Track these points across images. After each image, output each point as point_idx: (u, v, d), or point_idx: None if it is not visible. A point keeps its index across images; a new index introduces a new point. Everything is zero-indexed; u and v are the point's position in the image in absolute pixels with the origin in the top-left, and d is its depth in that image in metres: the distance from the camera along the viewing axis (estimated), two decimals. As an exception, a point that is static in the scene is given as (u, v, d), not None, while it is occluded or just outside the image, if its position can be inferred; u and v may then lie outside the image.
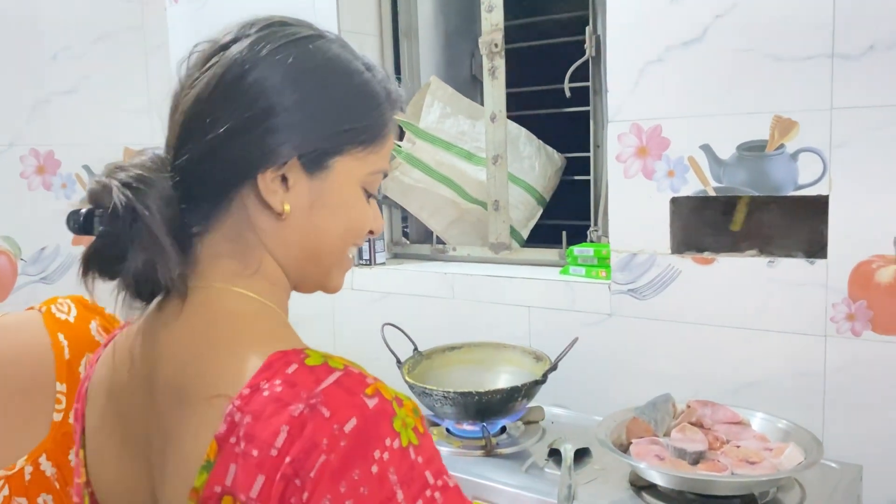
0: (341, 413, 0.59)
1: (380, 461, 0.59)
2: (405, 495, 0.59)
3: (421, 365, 1.59)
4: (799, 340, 1.38)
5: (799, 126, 1.34)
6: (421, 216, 2.03)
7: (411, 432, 0.62)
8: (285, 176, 0.69)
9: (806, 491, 1.19)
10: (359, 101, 0.72)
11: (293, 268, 0.74)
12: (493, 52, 1.82)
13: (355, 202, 0.74)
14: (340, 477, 0.58)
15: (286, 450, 0.58)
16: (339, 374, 0.62)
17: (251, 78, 0.68)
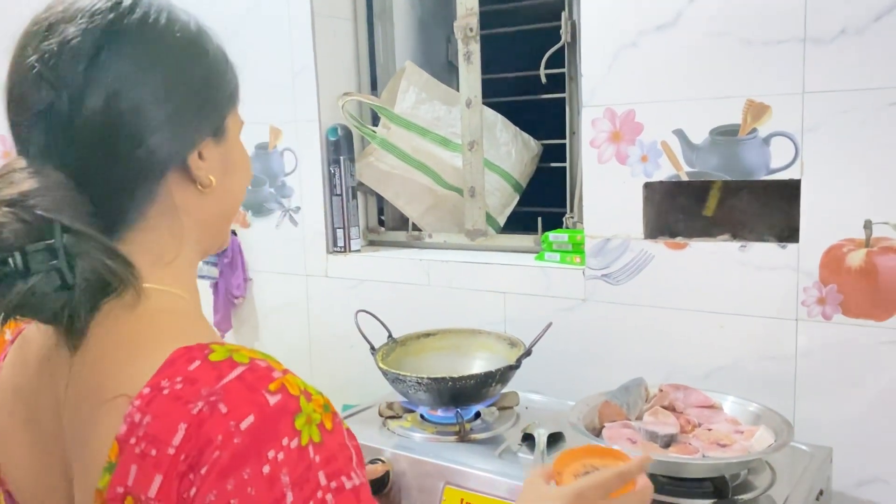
0: (239, 409, 0.58)
1: (273, 461, 0.58)
2: (296, 497, 0.58)
3: (395, 352, 1.58)
4: (770, 324, 1.39)
5: (771, 110, 1.34)
6: (397, 203, 2.02)
7: (315, 429, 0.60)
8: (201, 151, 0.70)
9: (776, 473, 1.20)
10: (222, 59, 0.74)
11: (208, 237, 0.75)
12: (468, 37, 1.80)
13: (244, 151, 0.78)
14: (229, 474, 0.57)
15: (182, 447, 0.58)
16: (242, 368, 0.60)
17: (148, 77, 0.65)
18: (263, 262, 2.07)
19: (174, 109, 0.66)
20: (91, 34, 0.63)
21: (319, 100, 1.92)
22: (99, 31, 0.64)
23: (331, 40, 1.95)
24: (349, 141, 1.95)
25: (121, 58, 0.64)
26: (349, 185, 1.95)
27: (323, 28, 1.92)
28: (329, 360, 1.95)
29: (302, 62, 1.91)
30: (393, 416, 1.48)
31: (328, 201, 1.95)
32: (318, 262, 1.97)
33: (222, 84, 0.73)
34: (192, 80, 0.69)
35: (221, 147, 0.73)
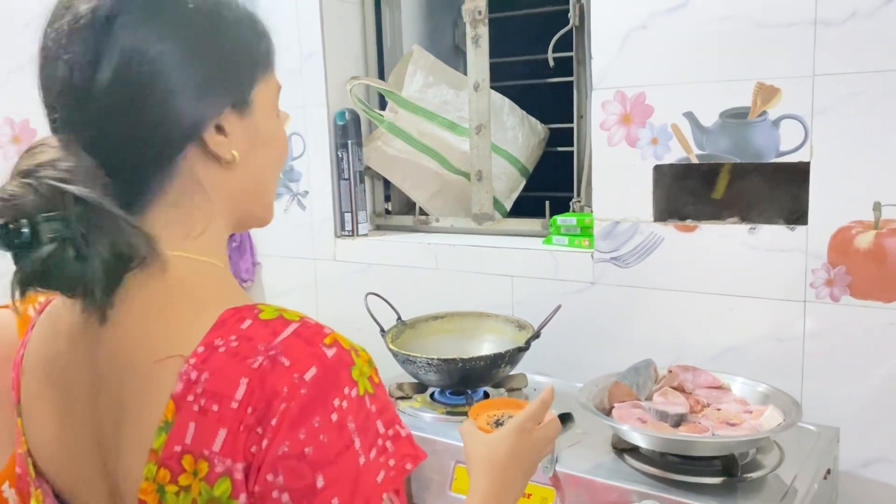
0: (301, 362, 0.60)
1: (339, 409, 0.60)
2: (362, 443, 0.61)
3: (404, 334, 1.59)
4: (779, 306, 1.40)
5: (781, 93, 1.35)
6: (403, 187, 2.02)
7: (367, 381, 0.63)
8: (220, 125, 0.68)
9: (785, 452, 1.21)
10: (249, 26, 0.72)
11: (238, 213, 0.74)
12: (476, 20, 1.80)
13: (279, 129, 0.76)
14: (300, 424, 0.59)
15: (247, 401, 0.59)
16: (295, 325, 0.63)
17: (159, 48, 0.64)
18: (272, 246, 2.08)
19: (186, 81, 0.65)
20: (101, 9, 0.63)
21: (327, 84, 1.92)
22: (109, 4, 0.63)
23: (338, 24, 1.95)
24: (357, 125, 1.95)
25: (130, 30, 0.63)
26: (357, 169, 1.95)
27: (331, 12, 1.91)
28: (337, 343, 1.96)
29: (310, 46, 1.91)
30: (403, 396, 1.49)
31: (336, 185, 1.96)
32: (326, 246, 1.98)
33: (243, 55, 0.70)
34: (205, 51, 0.66)
35: (246, 120, 0.71)
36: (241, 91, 0.70)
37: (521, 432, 0.95)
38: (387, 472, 0.62)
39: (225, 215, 0.73)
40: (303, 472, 0.58)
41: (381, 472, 0.61)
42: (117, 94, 0.63)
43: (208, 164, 0.69)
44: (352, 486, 0.59)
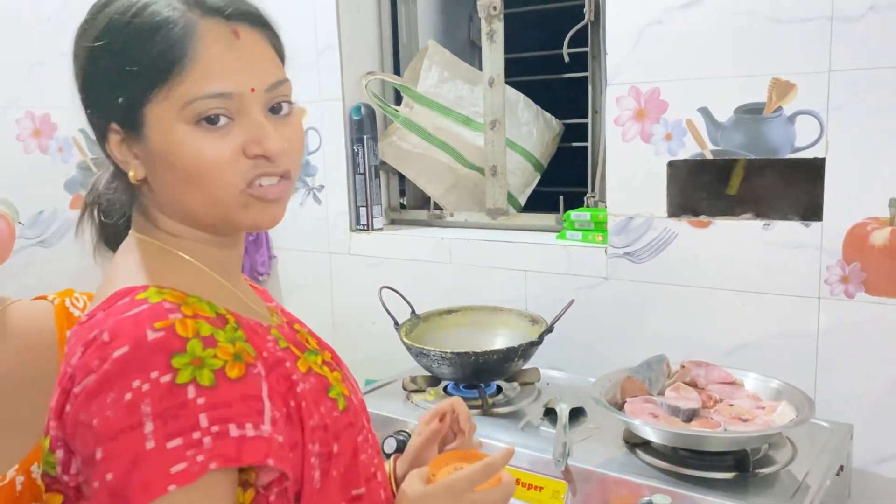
0: (118, 340, 0.63)
1: (136, 390, 0.60)
2: (156, 428, 0.60)
3: (418, 328, 1.60)
4: (793, 302, 1.40)
5: (797, 88, 1.34)
6: (418, 182, 2.03)
7: (207, 373, 0.62)
8: (129, 144, 0.72)
9: (797, 448, 1.22)
10: (138, 43, 0.68)
11: (188, 220, 0.75)
12: (491, 15, 1.81)
13: (183, 146, 0.68)
14: (95, 396, 0.62)
15: (74, 368, 0.65)
16: (144, 307, 0.65)
17: (73, 64, 0.73)
18: (288, 239, 2.10)
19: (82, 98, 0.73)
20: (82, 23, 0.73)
21: (343, 79, 1.93)
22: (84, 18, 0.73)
23: (354, 19, 1.96)
24: (372, 120, 1.96)
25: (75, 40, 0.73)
26: (372, 163, 1.97)
27: (347, 7, 1.93)
28: (351, 335, 1.97)
29: (326, 40, 1.92)
30: (416, 389, 1.50)
31: (351, 180, 1.97)
32: (342, 239, 1.99)
33: (126, 77, 0.68)
34: (87, 73, 0.71)
35: (144, 141, 0.70)
36: (124, 113, 0.70)
37: (450, 492, 0.81)
38: (189, 465, 0.59)
39: (177, 219, 0.75)
40: (87, 441, 0.62)
41: (182, 463, 0.59)
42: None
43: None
44: (128, 467, 0.59)
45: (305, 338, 0.84)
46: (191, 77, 0.67)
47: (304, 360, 0.77)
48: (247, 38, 0.70)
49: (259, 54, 0.71)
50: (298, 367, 0.75)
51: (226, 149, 0.69)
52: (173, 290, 0.69)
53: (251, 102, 0.70)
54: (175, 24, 0.67)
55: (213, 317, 0.68)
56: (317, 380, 0.76)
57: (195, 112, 0.68)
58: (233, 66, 0.69)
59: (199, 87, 0.67)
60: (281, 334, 0.77)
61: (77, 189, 2.02)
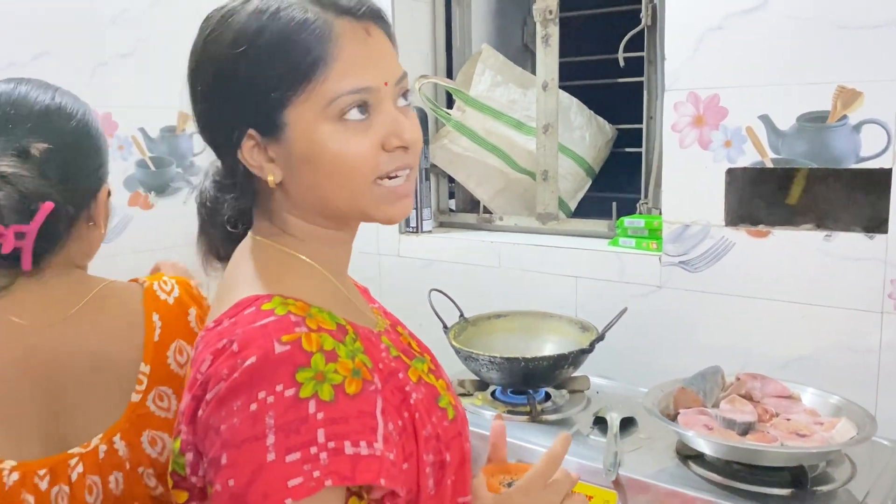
0: (247, 350, 0.64)
1: (261, 402, 0.62)
2: (277, 441, 0.61)
3: (467, 331, 1.60)
4: (854, 316, 1.36)
5: (863, 97, 1.31)
6: (468, 185, 2.03)
7: (327, 388, 0.63)
8: (266, 148, 0.72)
9: (857, 467, 1.18)
10: (277, 46, 0.69)
11: (321, 219, 0.76)
12: (547, 19, 1.80)
13: (329, 143, 0.70)
14: (224, 403, 0.64)
15: (206, 374, 0.66)
16: (272, 318, 0.66)
17: (200, 77, 0.74)
18: (337, 240, 2.11)
19: (210, 107, 0.74)
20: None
21: (396, 81, 1.94)
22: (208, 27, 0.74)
23: (409, 24, 1.97)
24: (424, 123, 1.97)
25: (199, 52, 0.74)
26: (423, 166, 1.97)
27: (402, 10, 1.94)
28: (399, 338, 1.98)
29: (380, 44, 1.93)
30: (464, 393, 1.50)
31: (402, 182, 1.98)
32: (391, 241, 2.01)
33: (266, 83, 0.70)
34: (229, 74, 0.71)
35: (284, 144, 0.71)
36: (263, 117, 0.71)
37: (527, 494, 0.82)
38: (306, 480, 0.61)
39: (306, 220, 0.76)
40: (215, 445, 0.64)
41: (299, 478, 0.61)
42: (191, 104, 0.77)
43: (263, 181, 0.74)
44: (250, 476, 0.61)
45: (408, 342, 0.86)
46: (333, 76, 0.69)
47: (414, 369, 0.78)
48: (376, 36, 0.73)
49: (386, 50, 0.74)
50: (409, 377, 0.76)
51: (367, 143, 0.71)
52: (296, 300, 0.70)
53: (385, 96, 0.72)
54: (313, 25, 0.69)
55: (335, 329, 0.70)
56: (427, 389, 0.77)
57: (338, 109, 0.70)
58: (368, 62, 0.71)
59: (341, 84, 0.69)
60: (391, 341, 0.79)
61: (136, 186, 2.07)
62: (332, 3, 0.71)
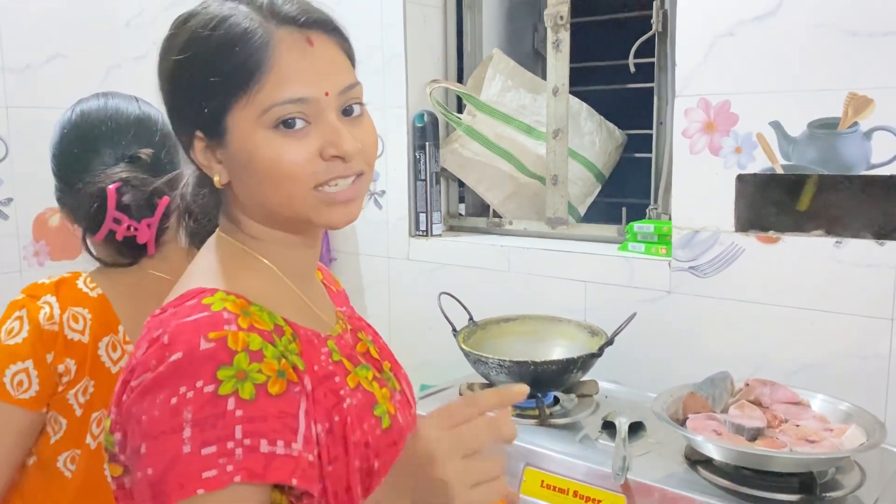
0: (175, 345, 0.67)
1: (181, 396, 0.64)
2: (193, 435, 0.63)
3: (476, 335, 1.60)
4: (864, 323, 1.36)
5: (875, 104, 1.31)
6: (478, 189, 2.04)
7: (249, 386, 0.65)
8: (214, 150, 0.75)
9: (866, 473, 1.18)
10: (218, 54, 0.71)
11: (269, 222, 0.78)
12: (558, 25, 1.81)
13: (263, 150, 0.71)
14: (147, 394, 0.66)
15: (136, 362, 0.69)
16: (205, 314, 0.69)
17: (160, 73, 0.78)
18: (347, 243, 2.13)
19: (168, 108, 0.78)
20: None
21: (408, 87, 1.95)
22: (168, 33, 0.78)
23: (421, 29, 1.98)
24: (435, 127, 1.98)
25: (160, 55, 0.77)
26: (433, 170, 1.98)
27: (413, 16, 1.95)
28: (408, 340, 1.99)
29: (393, 49, 1.95)
30: (473, 397, 1.50)
31: (412, 186, 1.99)
32: (401, 245, 2.01)
33: (207, 88, 0.72)
34: (179, 77, 0.74)
35: (227, 147, 0.74)
36: (206, 122, 0.74)
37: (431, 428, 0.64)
38: (219, 473, 0.63)
39: (257, 221, 0.79)
40: (135, 435, 0.66)
41: (213, 470, 0.63)
42: None
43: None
44: (166, 466, 0.63)
45: (367, 347, 0.86)
46: (269, 84, 0.70)
47: (355, 376, 0.79)
48: (320, 45, 0.73)
49: (332, 59, 0.74)
50: (347, 382, 0.77)
51: (303, 151, 0.72)
52: (238, 296, 0.72)
53: (326, 106, 0.73)
54: (253, 34, 0.70)
55: (271, 328, 0.72)
56: (364, 396, 0.78)
57: (274, 117, 0.71)
58: (308, 72, 0.72)
59: (277, 93, 0.70)
60: (337, 346, 0.80)
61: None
62: (274, 13, 0.72)
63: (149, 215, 1.05)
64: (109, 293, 1.08)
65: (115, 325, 1.07)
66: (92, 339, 1.04)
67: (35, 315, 1.01)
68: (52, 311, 1.02)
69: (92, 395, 1.04)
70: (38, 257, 2.01)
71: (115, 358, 1.06)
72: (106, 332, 1.06)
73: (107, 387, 1.05)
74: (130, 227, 1.05)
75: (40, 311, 1.02)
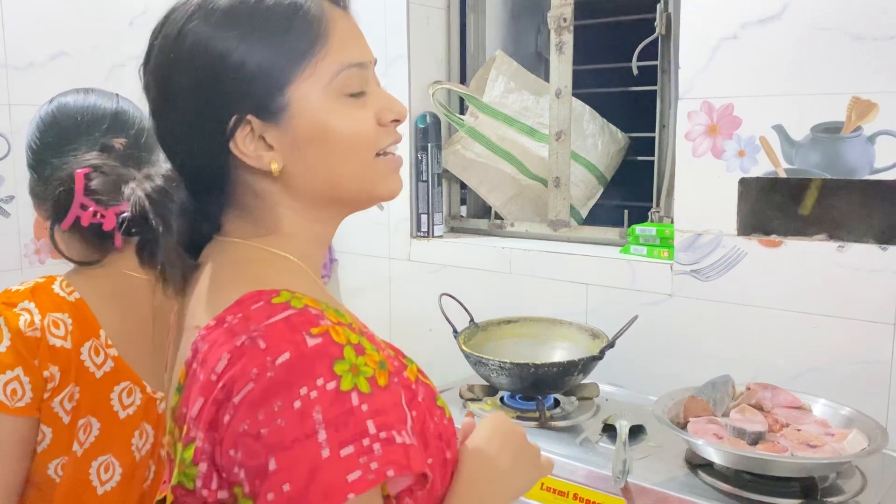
0: (277, 347, 0.60)
1: (305, 398, 0.59)
2: (329, 436, 0.58)
3: (477, 336, 1.60)
4: (866, 328, 1.35)
5: (878, 108, 1.31)
6: (480, 191, 2.04)
7: (363, 380, 0.61)
8: (262, 135, 0.69)
9: (867, 479, 1.17)
10: (274, 25, 0.68)
11: (324, 206, 0.74)
12: (561, 27, 1.80)
13: (336, 118, 0.70)
14: (260, 405, 0.59)
15: (222, 375, 0.61)
16: (291, 311, 0.63)
17: (177, 66, 0.69)
18: (349, 243, 2.12)
19: (195, 100, 0.69)
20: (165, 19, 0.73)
21: (411, 88, 1.95)
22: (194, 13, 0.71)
23: (424, 30, 1.98)
24: (437, 128, 1.98)
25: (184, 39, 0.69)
26: (435, 171, 1.98)
27: (417, 16, 1.95)
28: (408, 341, 1.97)
29: (396, 51, 1.95)
30: (473, 398, 1.50)
31: (414, 187, 1.99)
32: (402, 246, 2.01)
33: (263, 61, 0.68)
34: (223, 58, 0.68)
35: (284, 125, 0.69)
36: (263, 100, 0.69)
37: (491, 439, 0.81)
38: (364, 473, 0.58)
39: (303, 214, 0.74)
40: (257, 452, 0.59)
41: (357, 471, 0.58)
42: (158, 101, 0.72)
43: (258, 175, 0.72)
44: (307, 476, 0.58)
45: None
46: (332, 50, 0.70)
47: (411, 369, 0.76)
48: (354, 19, 0.76)
49: (362, 33, 0.76)
50: (409, 376, 0.74)
51: (370, 118, 0.72)
52: (304, 295, 0.66)
53: (372, 74, 0.74)
54: (306, 5, 0.70)
55: (348, 323, 0.67)
56: (426, 388, 0.75)
57: (342, 83, 0.70)
58: (359, 39, 0.74)
59: (343, 56, 0.71)
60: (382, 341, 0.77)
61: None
62: None
63: (116, 204, 0.99)
64: (87, 296, 1.05)
65: (97, 329, 1.04)
66: (74, 344, 1.01)
67: (14, 323, 0.99)
68: (32, 318, 1.00)
69: (78, 402, 1.02)
70: (39, 255, 2.01)
71: (98, 363, 1.03)
72: (87, 337, 1.03)
73: (91, 392, 1.02)
74: (97, 214, 1.00)
75: (19, 318, 0.99)
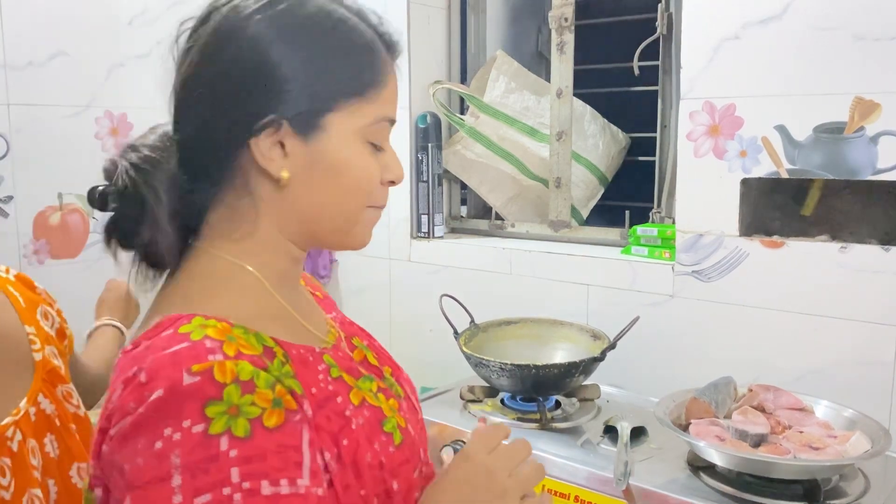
0: (154, 382, 0.59)
1: (167, 439, 0.57)
2: (184, 482, 0.57)
3: (477, 337, 1.59)
4: (869, 329, 1.35)
5: (881, 108, 1.30)
6: (480, 191, 2.03)
7: (242, 423, 0.59)
8: (283, 142, 0.69)
9: (870, 481, 1.17)
10: (343, 53, 0.70)
11: (298, 233, 0.73)
12: (562, 27, 1.80)
13: (357, 159, 0.71)
14: (127, 440, 0.59)
15: (111, 405, 0.62)
16: (185, 345, 0.61)
17: (231, 46, 0.68)
18: (348, 244, 2.11)
19: (240, 85, 0.68)
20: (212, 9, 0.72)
21: (411, 88, 1.95)
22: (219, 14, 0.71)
23: (424, 30, 1.97)
24: (437, 129, 1.97)
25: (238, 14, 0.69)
26: (436, 172, 1.97)
27: (417, 16, 1.94)
28: (408, 342, 1.98)
29: (396, 50, 1.94)
30: (474, 399, 1.50)
31: (415, 187, 1.98)
32: (402, 246, 2.01)
33: (319, 81, 0.69)
34: (285, 55, 0.67)
35: (312, 145, 0.69)
36: (306, 114, 0.69)
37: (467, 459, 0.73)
38: None
39: (281, 229, 0.73)
40: (119, 486, 0.60)
41: None
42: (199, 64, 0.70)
43: (262, 177, 0.70)
44: None
45: (364, 354, 0.82)
46: (381, 99, 0.72)
47: (358, 391, 0.73)
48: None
49: None
50: (351, 400, 0.71)
51: (378, 171, 0.73)
52: (219, 319, 0.65)
53: (389, 133, 0.76)
54: (377, 48, 0.72)
55: (260, 352, 0.65)
56: (371, 413, 0.72)
57: (373, 131, 0.72)
58: (396, 98, 0.76)
59: (386, 110, 0.73)
60: (334, 360, 0.74)
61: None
62: (381, 34, 0.73)
63: None
64: None
65: None
66: None
67: None
68: None
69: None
70: (38, 255, 2.01)
71: None
72: None
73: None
74: None
75: None
